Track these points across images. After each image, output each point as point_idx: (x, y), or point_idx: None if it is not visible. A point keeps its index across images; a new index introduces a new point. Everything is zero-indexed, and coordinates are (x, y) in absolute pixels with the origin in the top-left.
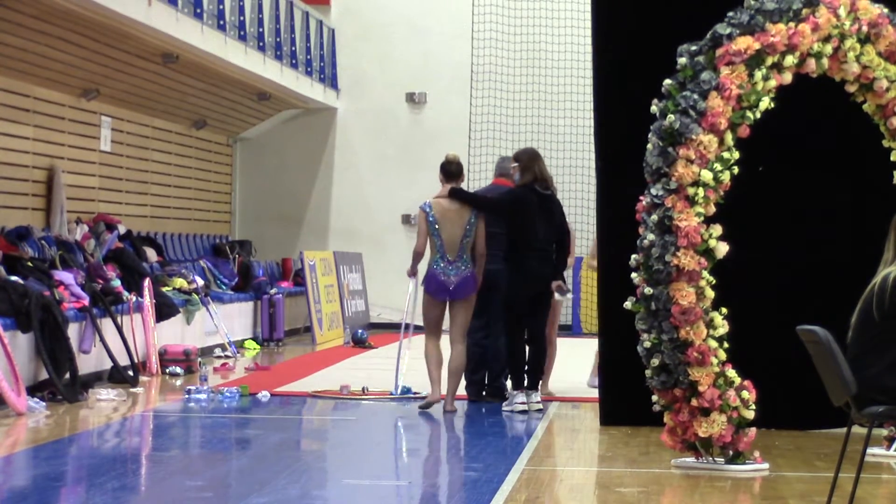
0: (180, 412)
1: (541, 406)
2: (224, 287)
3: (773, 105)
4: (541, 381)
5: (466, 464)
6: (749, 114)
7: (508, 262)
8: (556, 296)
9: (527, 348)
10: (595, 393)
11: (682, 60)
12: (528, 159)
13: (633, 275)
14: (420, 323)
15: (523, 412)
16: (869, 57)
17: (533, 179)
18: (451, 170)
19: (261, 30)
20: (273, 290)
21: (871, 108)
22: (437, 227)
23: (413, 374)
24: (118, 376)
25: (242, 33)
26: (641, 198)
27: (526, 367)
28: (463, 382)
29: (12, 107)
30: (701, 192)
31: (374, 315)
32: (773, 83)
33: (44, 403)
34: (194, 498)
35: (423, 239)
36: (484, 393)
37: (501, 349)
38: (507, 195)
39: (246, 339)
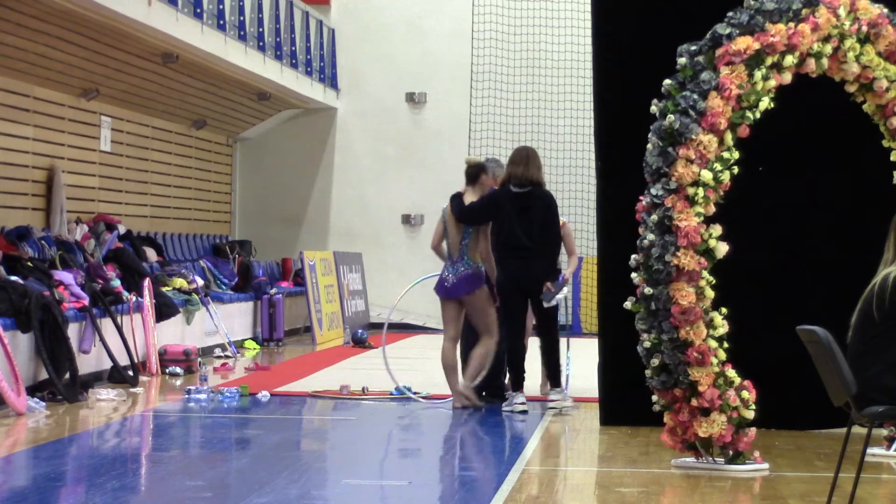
0: (180, 412)
1: (569, 403)
2: (224, 287)
3: (773, 105)
4: (560, 378)
5: (466, 464)
6: (749, 114)
7: (497, 262)
8: (543, 302)
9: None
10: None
11: (682, 60)
12: (510, 160)
13: (633, 275)
14: (413, 322)
15: (523, 412)
16: (869, 57)
17: (507, 180)
18: (467, 173)
19: (261, 30)
20: (273, 290)
21: (870, 108)
22: (446, 229)
23: (413, 374)
24: (118, 376)
25: (242, 33)
26: (641, 198)
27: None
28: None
29: (12, 107)
30: (701, 192)
31: (374, 315)
32: (772, 83)
33: (44, 403)
34: (194, 498)
35: (436, 238)
36: (483, 393)
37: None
38: (480, 200)
39: (246, 339)
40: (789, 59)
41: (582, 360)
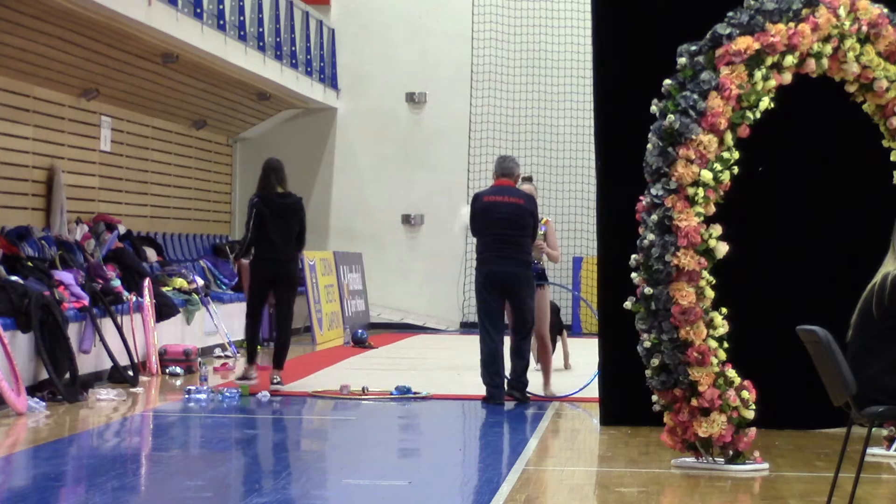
0: (180, 412)
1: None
2: (224, 287)
3: (773, 105)
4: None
5: (466, 464)
6: (749, 114)
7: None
8: None
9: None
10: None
11: (682, 60)
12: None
13: (633, 275)
14: (413, 322)
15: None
16: (869, 57)
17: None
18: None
19: (261, 30)
20: None
21: (870, 108)
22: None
23: (413, 374)
24: (118, 376)
25: (242, 33)
26: (641, 198)
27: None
28: (477, 381)
29: (12, 107)
30: (701, 192)
31: (374, 315)
32: (772, 83)
33: (44, 403)
34: (194, 498)
35: None
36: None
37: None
38: None
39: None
40: (789, 59)
41: (582, 360)
